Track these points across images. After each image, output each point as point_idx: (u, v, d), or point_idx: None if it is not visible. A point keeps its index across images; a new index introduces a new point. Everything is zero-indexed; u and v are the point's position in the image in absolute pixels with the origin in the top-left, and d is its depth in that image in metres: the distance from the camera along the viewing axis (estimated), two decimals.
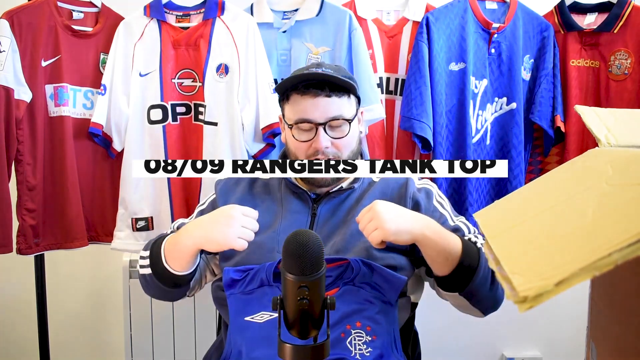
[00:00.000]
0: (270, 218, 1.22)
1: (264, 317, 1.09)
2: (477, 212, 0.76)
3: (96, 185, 1.83)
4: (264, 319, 1.09)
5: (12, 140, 1.69)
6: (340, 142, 1.20)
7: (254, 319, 1.09)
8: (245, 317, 1.09)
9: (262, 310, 1.09)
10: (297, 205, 1.23)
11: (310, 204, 1.23)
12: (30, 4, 1.73)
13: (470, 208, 1.83)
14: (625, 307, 0.64)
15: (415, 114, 1.76)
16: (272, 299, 0.83)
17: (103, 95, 1.74)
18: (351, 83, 1.19)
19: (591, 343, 0.73)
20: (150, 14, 1.77)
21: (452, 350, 2.28)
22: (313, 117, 1.18)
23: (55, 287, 2.08)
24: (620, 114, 0.80)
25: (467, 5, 1.84)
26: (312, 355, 0.81)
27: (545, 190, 0.71)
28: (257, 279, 1.12)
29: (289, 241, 0.81)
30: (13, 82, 1.67)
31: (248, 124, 1.75)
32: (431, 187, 1.28)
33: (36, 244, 1.75)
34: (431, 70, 1.79)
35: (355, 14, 1.84)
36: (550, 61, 1.87)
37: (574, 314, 1.95)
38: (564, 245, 0.52)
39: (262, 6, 1.84)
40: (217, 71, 1.75)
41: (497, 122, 1.89)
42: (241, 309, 1.10)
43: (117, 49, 1.75)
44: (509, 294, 0.49)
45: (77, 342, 2.27)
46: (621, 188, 0.56)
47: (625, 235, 0.45)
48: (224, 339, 1.26)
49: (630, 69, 1.82)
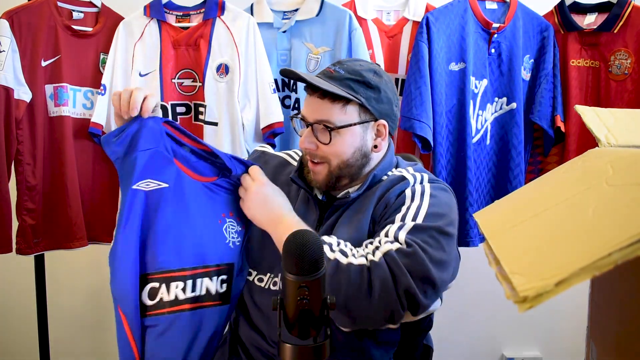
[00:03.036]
0: None
1: (150, 185, 1.08)
2: (477, 212, 0.76)
3: (96, 185, 1.83)
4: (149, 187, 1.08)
5: (12, 140, 1.70)
6: (326, 149, 1.13)
7: (139, 186, 1.07)
8: (131, 186, 1.07)
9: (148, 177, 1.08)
10: (304, 209, 1.21)
11: (317, 210, 1.20)
12: (30, 4, 1.73)
13: (470, 208, 1.83)
14: (625, 307, 0.64)
15: (415, 114, 1.76)
16: (272, 299, 0.83)
17: (103, 95, 1.74)
18: (336, 94, 1.09)
19: (591, 343, 0.73)
20: (150, 14, 1.77)
21: (452, 350, 2.28)
22: (305, 113, 1.16)
23: (55, 287, 2.08)
24: (620, 114, 0.80)
25: (467, 5, 1.84)
26: (312, 355, 0.81)
27: (545, 190, 0.71)
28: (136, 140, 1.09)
29: (289, 241, 0.81)
30: (13, 82, 1.68)
31: (248, 124, 1.75)
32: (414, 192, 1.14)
33: (36, 244, 1.75)
34: (431, 70, 1.79)
35: (355, 14, 1.84)
36: (550, 61, 1.87)
37: (574, 314, 1.95)
38: (564, 245, 0.52)
39: (262, 6, 1.84)
40: (217, 71, 1.76)
41: (497, 122, 1.89)
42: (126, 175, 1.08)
43: (117, 49, 1.75)
44: (509, 293, 0.49)
45: (77, 342, 2.27)
46: (621, 188, 0.56)
47: (625, 235, 0.45)
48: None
49: (630, 69, 1.82)
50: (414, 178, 1.16)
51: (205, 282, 1.10)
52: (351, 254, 1.03)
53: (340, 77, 1.12)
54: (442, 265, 1.03)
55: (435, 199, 1.11)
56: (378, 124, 1.15)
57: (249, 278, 1.20)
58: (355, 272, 1.00)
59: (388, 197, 1.13)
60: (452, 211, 1.12)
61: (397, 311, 0.99)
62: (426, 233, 1.04)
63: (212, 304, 1.12)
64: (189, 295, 1.09)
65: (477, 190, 1.88)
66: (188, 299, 1.09)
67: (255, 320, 1.19)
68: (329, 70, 1.14)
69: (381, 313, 1.00)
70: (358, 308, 1.00)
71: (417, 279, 0.99)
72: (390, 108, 1.16)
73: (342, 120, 1.12)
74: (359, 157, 1.15)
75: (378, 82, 1.14)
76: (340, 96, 1.10)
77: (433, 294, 1.02)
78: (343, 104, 1.12)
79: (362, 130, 1.14)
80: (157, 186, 1.08)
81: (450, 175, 1.86)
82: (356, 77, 1.12)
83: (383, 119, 1.15)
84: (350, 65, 1.14)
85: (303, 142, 1.14)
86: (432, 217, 1.07)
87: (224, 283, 1.13)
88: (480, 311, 2.28)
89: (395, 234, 1.04)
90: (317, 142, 1.13)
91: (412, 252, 1.00)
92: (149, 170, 1.08)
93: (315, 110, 1.13)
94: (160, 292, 1.07)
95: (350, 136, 1.13)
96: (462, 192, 1.83)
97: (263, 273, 1.19)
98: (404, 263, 0.99)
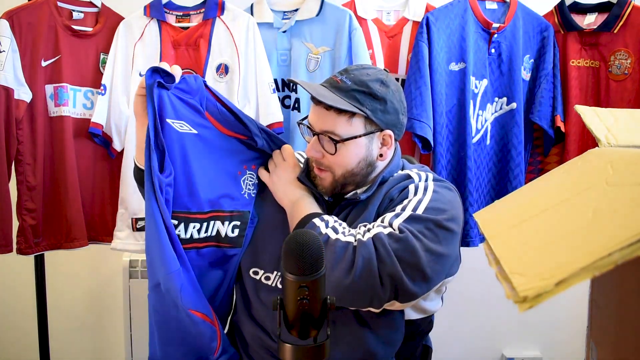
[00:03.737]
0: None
1: (183, 127, 1.15)
2: (477, 212, 0.76)
3: (96, 185, 1.83)
4: (183, 129, 1.15)
5: (12, 140, 1.69)
6: (331, 158, 1.14)
7: (174, 124, 1.13)
8: (167, 119, 1.13)
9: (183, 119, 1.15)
10: None
11: (325, 210, 1.19)
12: (30, 4, 1.73)
13: (470, 208, 1.83)
14: (625, 307, 0.64)
15: (415, 114, 1.76)
16: (272, 299, 0.83)
17: (103, 95, 1.74)
18: (342, 108, 1.09)
19: (591, 343, 0.73)
20: (150, 14, 1.77)
21: (452, 350, 2.28)
22: (311, 122, 1.16)
23: (55, 287, 2.08)
24: (620, 114, 0.80)
25: (467, 5, 1.84)
26: (312, 355, 0.81)
27: (546, 190, 0.71)
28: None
29: (289, 241, 0.81)
30: (13, 82, 1.67)
31: None
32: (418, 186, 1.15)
33: (36, 244, 1.75)
34: (431, 70, 1.79)
35: (355, 14, 1.84)
36: (550, 61, 1.87)
37: (574, 314, 1.95)
38: (564, 245, 0.52)
39: (262, 6, 1.84)
40: (217, 71, 1.75)
41: (497, 122, 1.89)
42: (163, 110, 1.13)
43: (117, 49, 1.75)
44: (509, 293, 0.49)
45: (77, 342, 2.27)
46: (621, 188, 0.56)
47: (625, 235, 0.45)
48: None
49: (630, 69, 1.82)
50: (419, 177, 1.17)
51: (217, 224, 1.20)
52: (341, 231, 1.06)
53: (346, 88, 1.11)
54: (436, 256, 1.02)
55: (438, 194, 1.11)
56: (384, 134, 1.15)
57: (255, 277, 1.20)
58: (340, 247, 1.02)
59: (392, 193, 1.15)
60: (454, 208, 1.11)
61: (377, 294, 1.00)
62: (423, 224, 1.04)
63: (222, 245, 1.20)
64: (202, 235, 1.19)
65: (477, 190, 1.88)
66: (200, 238, 1.19)
67: (258, 318, 1.20)
68: (335, 80, 1.14)
69: (362, 293, 1.01)
70: (338, 283, 1.01)
71: (406, 264, 0.99)
72: (396, 118, 1.16)
73: (347, 132, 1.12)
74: (364, 167, 1.16)
75: (385, 93, 1.12)
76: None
77: (423, 284, 1.02)
78: (349, 116, 1.11)
79: (368, 141, 1.14)
80: (189, 130, 1.16)
81: (450, 175, 1.86)
82: (362, 88, 1.11)
83: (389, 129, 1.15)
84: (357, 74, 1.13)
85: (309, 151, 1.16)
86: (432, 210, 1.07)
87: (236, 229, 1.21)
88: (480, 311, 2.28)
89: (390, 221, 1.05)
90: (323, 151, 1.14)
91: (403, 238, 1.01)
92: (183, 114, 1.16)
93: (321, 121, 1.13)
94: (178, 230, 1.16)
95: (355, 147, 1.13)
96: (462, 192, 1.83)
97: (270, 271, 1.19)
98: (393, 248, 1.00)
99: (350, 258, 1.01)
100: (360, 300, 1.02)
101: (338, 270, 1.01)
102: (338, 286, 1.01)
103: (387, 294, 1.00)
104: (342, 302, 1.03)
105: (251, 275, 1.20)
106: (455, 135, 1.85)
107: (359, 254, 1.01)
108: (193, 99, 1.17)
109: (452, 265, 1.10)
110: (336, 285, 1.01)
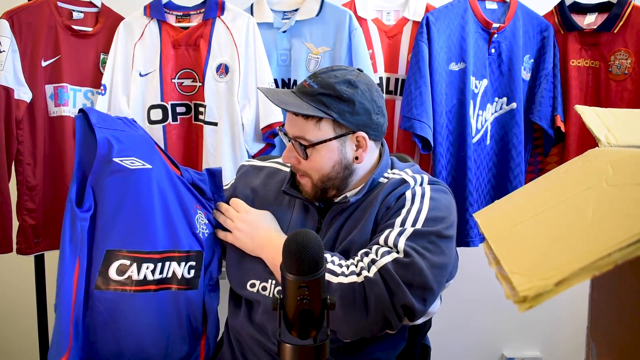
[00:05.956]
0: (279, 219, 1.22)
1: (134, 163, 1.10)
2: (477, 212, 0.76)
3: None
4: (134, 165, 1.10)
5: (12, 140, 1.69)
6: (306, 164, 1.14)
7: (123, 162, 1.09)
8: (113, 158, 1.08)
9: (134, 156, 1.11)
10: (303, 215, 1.21)
11: (317, 215, 1.20)
12: (30, 4, 1.73)
13: (470, 208, 1.83)
14: (625, 307, 0.64)
15: (415, 114, 1.76)
16: (272, 298, 0.83)
17: (103, 95, 1.74)
18: (306, 114, 1.09)
19: (591, 343, 0.73)
20: (150, 14, 1.77)
21: (452, 350, 2.28)
22: (287, 128, 1.17)
23: (55, 287, 2.08)
24: (620, 114, 0.80)
25: (467, 5, 1.84)
26: (312, 355, 0.81)
27: (545, 190, 0.71)
28: None
29: (289, 241, 0.81)
30: (13, 82, 1.67)
31: (248, 124, 1.75)
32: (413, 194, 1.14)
33: (36, 244, 1.75)
34: (431, 70, 1.79)
35: (355, 14, 1.84)
36: (550, 61, 1.87)
37: (574, 314, 1.95)
38: (564, 245, 0.52)
39: (262, 6, 1.84)
40: (217, 71, 1.76)
41: (497, 122, 1.89)
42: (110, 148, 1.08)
43: (117, 49, 1.75)
44: (509, 293, 0.49)
45: None
46: (621, 188, 0.56)
47: (625, 235, 0.45)
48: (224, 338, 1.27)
49: (630, 69, 1.82)
50: (414, 180, 1.16)
51: (173, 265, 1.14)
52: (340, 272, 1.04)
53: (312, 93, 1.11)
54: (440, 268, 1.05)
55: (435, 202, 1.11)
56: (357, 136, 1.14)
57: (252, 289, 1.18)
58: (346, 290, 1.01)
59: (389, 201, 1.14)
60: (451, 213, 1.13)
61: (392, 322, 1.02)
62: (426, 239, 1.05)
63: (178, 287, 1.15)
64: (157, 277, 1.12)
65: (477, 190, 1.88)
66: (155, 280, 1.12)
67: (259, 322, 1.18)
68: (303, 85, 1.14)
69: (379, 324, 1.02)
70: (354, 324, 1.02)
71: (415, 288, 1.01)
72: (367, 118, 1.13)
73: (317, 137, 1.12)
74: (339, 170, 1.15)
75: (352, 94, 1.11)
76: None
77: (431, 298, 1.04)
78: (316, 120, 1.11)
79: (340, 144, 1.13)
80: (142, 166, 1.11)
81: (450, 175, 1.86)
82: (329, 91, 1.10)
83: (361, 130, 1.13)
84: (324, 78, 1.12)
85: (285, 157, 1.17)
86: (432, 221, 1.08)
87: (192, 269, 1.17)
88: (480, 311, 2.28)
89: (395, 241, 1.04)
90: (298, 156, 1.15)
91: (410, 263, 1.01)
92: (134, 150, 1.12)
93: (292, 127, 1.14)
94: (130, 270, 1.09)
95: (327, 151, 1.13)
96: (462, 192, 1.83)
97: (265, 280, 1.16)
98: (400, 275, 1.00)
99: (361, 298, 1.01)
100: (375, 331, 1.04)
101: (352, 314, 1.01)
102: (354, 326, 1.02)
103: (401, 320, 1.02)
104: (361, 335, 1.05)
105: (249, 288, 1.18)
106: (455, 135, 1.85)
107: (371, 293, 1.00)
108: (146, 135, 1.18)
109: (453, 269, 1.13)
110: (351, 325, 1.02)
